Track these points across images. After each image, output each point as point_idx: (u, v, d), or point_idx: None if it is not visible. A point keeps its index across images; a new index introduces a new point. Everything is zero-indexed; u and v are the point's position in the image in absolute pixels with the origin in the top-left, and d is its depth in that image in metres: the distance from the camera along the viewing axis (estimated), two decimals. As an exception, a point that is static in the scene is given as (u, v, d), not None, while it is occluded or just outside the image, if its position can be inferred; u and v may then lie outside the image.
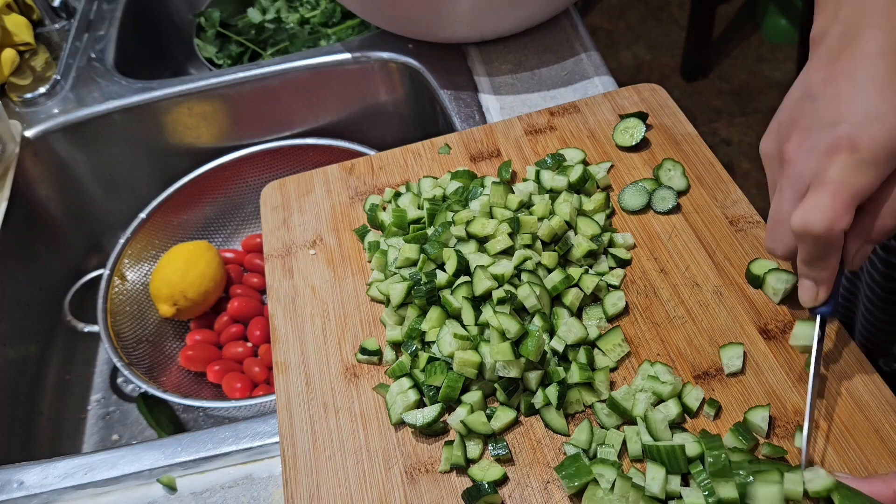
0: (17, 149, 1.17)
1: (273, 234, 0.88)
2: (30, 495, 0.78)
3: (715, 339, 0.71)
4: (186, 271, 1.10)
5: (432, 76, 1.15)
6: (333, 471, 0.67)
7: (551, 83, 1.09)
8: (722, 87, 2.90)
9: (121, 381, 1.19)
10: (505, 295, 0.71)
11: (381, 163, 0.93)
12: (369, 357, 0.74)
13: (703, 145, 0.88)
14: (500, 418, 0.67)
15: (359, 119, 1.30)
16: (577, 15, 1.20)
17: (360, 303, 0.80)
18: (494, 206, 0.80)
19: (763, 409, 0.64)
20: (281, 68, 1.22)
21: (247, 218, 1.31)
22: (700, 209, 0.81)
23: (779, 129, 0.61)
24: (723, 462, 0.59)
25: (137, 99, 1.22)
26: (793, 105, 0.60)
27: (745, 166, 2.59)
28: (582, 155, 0.87)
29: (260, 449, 0.78)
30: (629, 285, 0.76)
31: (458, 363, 0.68)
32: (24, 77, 1.30)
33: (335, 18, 1.42)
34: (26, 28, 1.35)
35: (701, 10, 2.80)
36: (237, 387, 1.06)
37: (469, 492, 0.63)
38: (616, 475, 0.61)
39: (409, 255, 0.77)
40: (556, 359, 0.70)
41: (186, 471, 0.78)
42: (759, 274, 0.73)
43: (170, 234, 1.22)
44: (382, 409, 0.71)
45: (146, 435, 1.11)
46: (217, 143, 1.30)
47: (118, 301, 1.12)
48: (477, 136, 0.94)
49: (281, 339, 0.78)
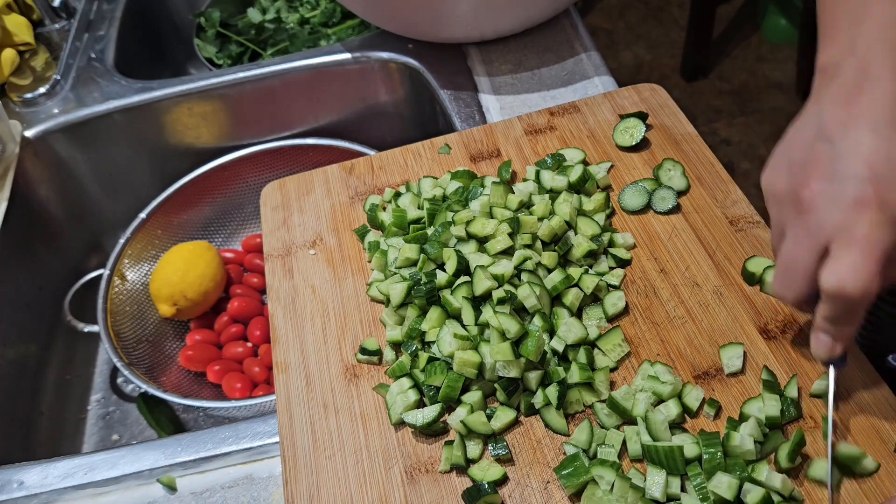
0: (17, 149, 1.17)
1: (273, 234, 0.88)
2: (30, 495, 0.78)
3: (715, 339, 0.71)
4: (186, 271, 1.10)
5: (432, 76, 1.15)
6: (333, 471, 0.67)
7: (551, 83, 1.09)
8: (722, 87, 2.90)
9: (121, 381, 1.19)
10: (505, 295, 0.71)
11: (381, 163, 0.93)
12: (369, 357, 0.74)
13: (703, 145, 0.88)
14: (500, 418, 0.67)
15: (359, 119, 1.30)
16: (577, 15, 1.20)
17: (360, 303, 0.80)
18: (494, 206, 0.80)
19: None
20: (281, 68, 1.22)
21: (247, 218, 1.31)
22: (700, 209, 0.81)
23: (790, 169, 0.58)
24: (718, 460, 0.60)
25: (137, 99, 1.22)
26: (807, 145, 0.57)
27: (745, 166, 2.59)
28: (582, 155, 0.87)
29: (260, 449, 0.78)
30: (629, 285, 0.76)
31: (458, 363, 0.68)
32: (24, 77, 1.30)
33: (335, 18, 1.42)
34: (26, 28, 1.34)
35: (701, 10, 2.80)
36: (237, 387, 1.06)
37: (469, 492, 0.63)
38: (615, 476, 0.61)
39: (409, 255, 0.77)
40: (556, 359, 0.70)
41: (186, 471, 0.78)
42: (756, 271, 0.73)
43: (170, 234, 1.22)
44: (382, 409, 0.71)
45: (146, 435, 1.11)
46: (217, 143, 1.30)
47: (118, 301, 1.12)
48: (477, 136, 0.94)
49: (281, 339, 0.78)
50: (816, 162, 0.55)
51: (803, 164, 0.56)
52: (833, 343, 0.59)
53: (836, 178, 0.54)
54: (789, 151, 0.59)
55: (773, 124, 2.73)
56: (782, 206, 0.59)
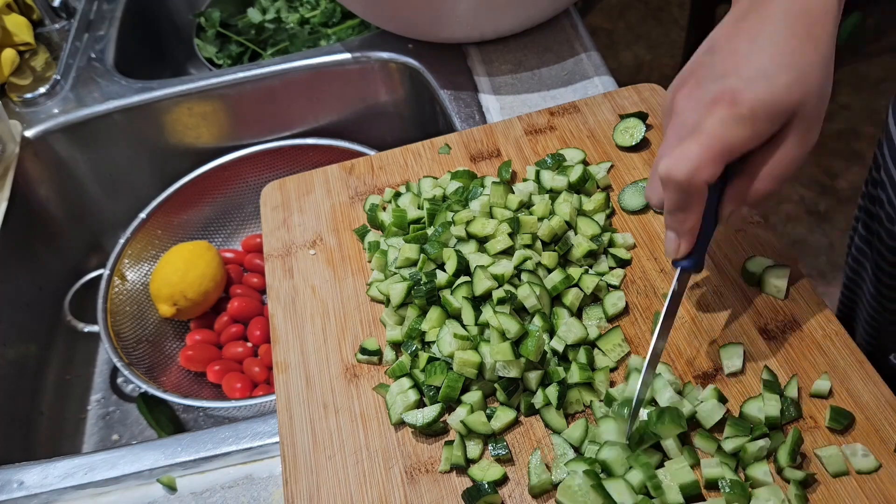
0: (17, 149, 1.17)
1: (273, 234, 0.88)
2: (30, 495, 0.78)
3: (715, 339, 0.71)
4: (186, 271, 1.10)
5: (432, 76, 1.15)
6: (333, 471, 0.67)
7: (551, 83, 1.09)
8: (722, 87, 2.90)
9: (121, 381, 1.19)
10: (505, 295, 0.71)
11: (381, 163, 0.93)
12: (369, 357, 0.74)
13: (703, 145, 0.88)
14: (500, 418, 0.67)
15: (359, 119, 1.30)
16: (577, 15, 1.20)
17: (360, 303, 0.80)
18: (494, 206, 0.80)
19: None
20: (281, 68, 1.22)
21: (247, 218, 1.31)
22: (700, 209, 0.81)
23: (676, 82, 0.61)
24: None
25: (137, 99, 1.22)
26: (695, 58, 0.60)
27: (745, 166, 2.59)
28: (582, 155, 0.87)
29: (260, 449, 0.78)
30: (629, 285, 0.76)
31: (458, 363, 0.68)
32: (24, 77, 1.30)
33: (335, 18, 1.42)
34: (26, 28, 1.34)
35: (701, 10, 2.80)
36: (237, 387, 1.06)
37: (469, 492, 0.63)
38: (584, 471, 0.62)
39: (409, 255, 0.77)
40: (556, 359, 0.70)
41: (186, 471, 0.78)
42: (756, 271, 0.73)
43: (170, 234, 1.22)
44: (382, 409, 0.71)
45: (146, 435, 1.11)
46: (217, 143, 1.30)
47: (118, 301, 1.12)
48: (477, 136, 0.94)
49: (281, 339, 0.78)
50: (695, 71, 0.58)
51: (687, 76, 0.59)
52: (678, 239, 0.61)
53: (704, 82, 0.57)
54: (683, 71, 0.61)
55: (773, 124, 2.72)
56: (665, 115, 0.61)
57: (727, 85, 0.54)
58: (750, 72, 0.54)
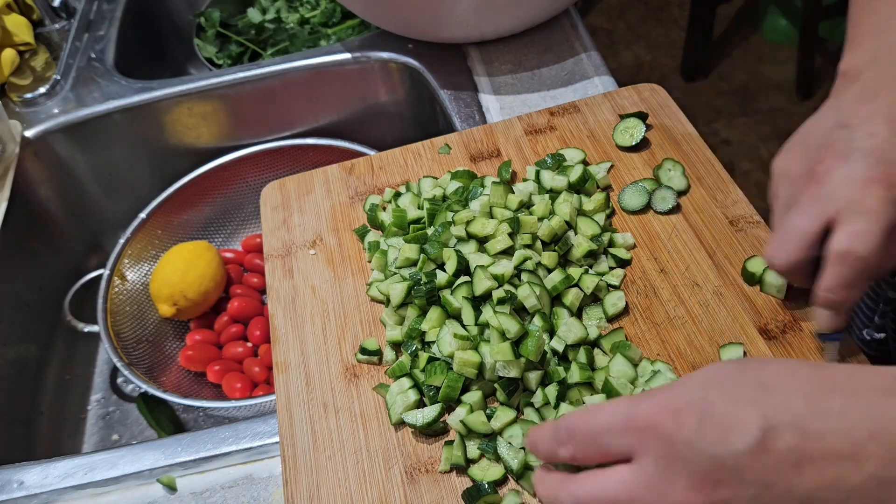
0: (17, 149, 1.17)
1: (273, 234, 0.88)
2: (30, 495, 0.78)
3: (715, 339, 0.71)
4: (186, 271, 1.10)
5: (432, 76, 1.15)
6: (333, 471, 0.67)
7: (551, 83, 1.09)
8: (722, 87, 2.90)
9: (121, 381, 1.19)
10: (505, 295, 0.71)
11: (381, 163, 0.93)
12: (369, 357, 0.74)
13: (703, 145, 0.88)
14: (500, 418, 0.67)
15: (359, 119, 1.30)
16: (577, 15, 1.20)
17: (360, 303, 0.80)
18: (494, 206, 0.80)
19: None
20: (281, 68, 1.22)
21: (247, 218, 1.31)
22: (700, 209, 0.81)
23: (806, 152, 0.62)
24: None
25: (137, 99, 1.22)
26: (825, 132, 0.61)
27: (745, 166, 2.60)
28: (582, 155, 0.87)
29: (260, 449, 0.78)
30: (629, 285, 0.76)
31: (458, 363, 0.68)
32: (24, 77, 1.30)
33: (335, 18, 1.42)
34: (26, 28, 1.34)
35: (701, 10, 2.81)
36: (237, 387, 1.06)
37: (469, 492, 0.63)
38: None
39: (409, 255, 0.77)
40: (556, 359, 0.70)
41: (186, 471, 0.78)
42: (756, 271, 0.73)
43: (170, 234, 1.22)
44: (382, 409, 0.71)
45: (146, 435, 1.11)
46: (217, 143, 1.30)
47: (118, 301, 1.12)
48: (477, 136, 0.94)
49: (281, 339, 0.78)
50: (833, 144, 0.60)
51: (819, 147, 0.61)
52: (835, 316, 0.62)
53: (851, 158, 0.58)
54: (806, 138, 0.63)
55: (773, 124, 2.73)
56: (794, 183, 0.63)
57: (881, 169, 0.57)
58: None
